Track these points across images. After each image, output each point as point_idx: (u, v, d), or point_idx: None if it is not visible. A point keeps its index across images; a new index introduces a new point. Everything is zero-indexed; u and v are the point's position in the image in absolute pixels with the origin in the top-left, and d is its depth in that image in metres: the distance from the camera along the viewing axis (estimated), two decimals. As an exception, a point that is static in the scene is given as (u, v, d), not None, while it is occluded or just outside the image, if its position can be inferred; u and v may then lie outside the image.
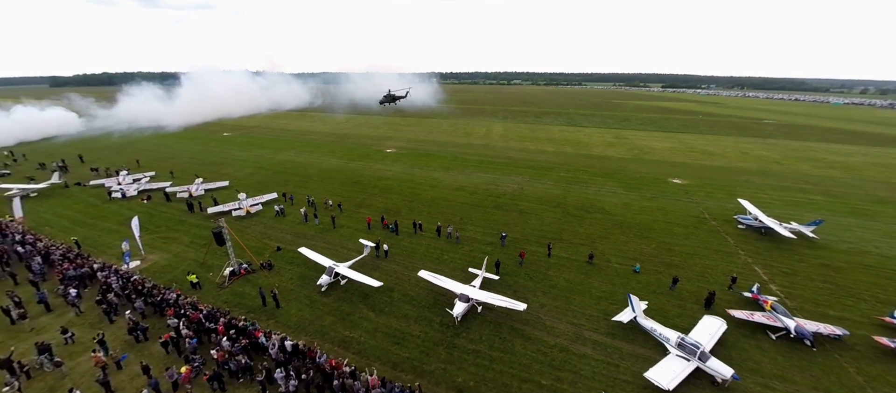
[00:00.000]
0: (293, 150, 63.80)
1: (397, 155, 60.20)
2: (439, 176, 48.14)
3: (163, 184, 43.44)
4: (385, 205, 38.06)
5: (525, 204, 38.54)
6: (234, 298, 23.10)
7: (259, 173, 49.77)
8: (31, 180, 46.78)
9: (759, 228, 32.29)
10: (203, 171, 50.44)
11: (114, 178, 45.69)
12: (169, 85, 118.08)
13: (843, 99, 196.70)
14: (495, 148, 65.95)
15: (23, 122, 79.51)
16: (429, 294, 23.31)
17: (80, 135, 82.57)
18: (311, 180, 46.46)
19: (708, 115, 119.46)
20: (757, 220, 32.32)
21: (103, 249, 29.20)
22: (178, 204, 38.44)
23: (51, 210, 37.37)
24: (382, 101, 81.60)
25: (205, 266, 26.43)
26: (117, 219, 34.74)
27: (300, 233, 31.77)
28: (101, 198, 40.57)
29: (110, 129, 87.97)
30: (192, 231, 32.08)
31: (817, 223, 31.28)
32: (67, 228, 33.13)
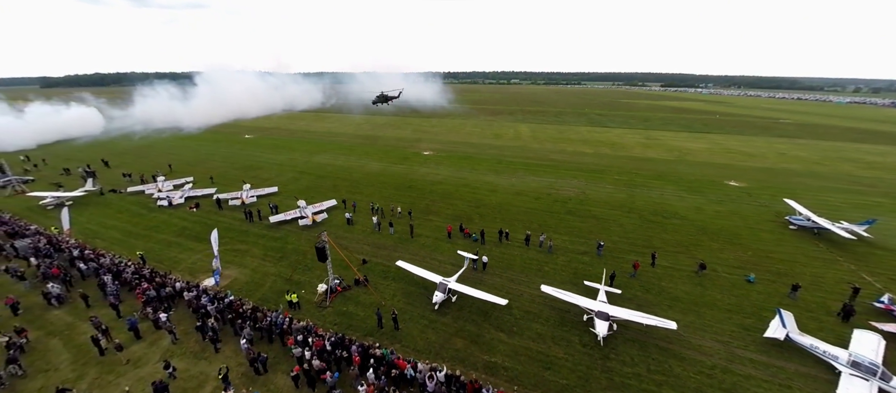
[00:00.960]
0: (327, 153, 61.31)
1: (437, 157, 58.24)
2: (493, 180, 46.34)
3: (206, 190, 40.92)
4: (452, 211, 36.24)
5: (596, 209, 37.10)
6: (342, 318, 21.12)
7: (302, 178, 47.49)
8: (60, 187, 43.81)
9: (812, 229, 31.83)
10: (241, 176, 47.85)
11: (152, 184, 42.91)
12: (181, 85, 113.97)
13: (844, 98, 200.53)
14: (533, 150, 64.43)
15: (44, 122, 75.55)
16: (551, 310, 21.65)
17: (99, 137, 78.70)
18: (360, 185, 44.29)
19: (724, 114, 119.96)
20: (809, 220, 31.99)
21: (170, 263, 26.88)
22: (232, 212, 35.99)
23: (93, 220, 34.66)
24: (375, 102, 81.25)
25: (292, 282, 24.54)
26: (172, 229, 32.37)
27: (377, 242, 29.83)
28: (144, 206, 37.94)
29: (127, 130, 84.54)
30: (260, 242, 29.81)
31: (870, 222, 30.55)
32: (120, 240, 30.64)
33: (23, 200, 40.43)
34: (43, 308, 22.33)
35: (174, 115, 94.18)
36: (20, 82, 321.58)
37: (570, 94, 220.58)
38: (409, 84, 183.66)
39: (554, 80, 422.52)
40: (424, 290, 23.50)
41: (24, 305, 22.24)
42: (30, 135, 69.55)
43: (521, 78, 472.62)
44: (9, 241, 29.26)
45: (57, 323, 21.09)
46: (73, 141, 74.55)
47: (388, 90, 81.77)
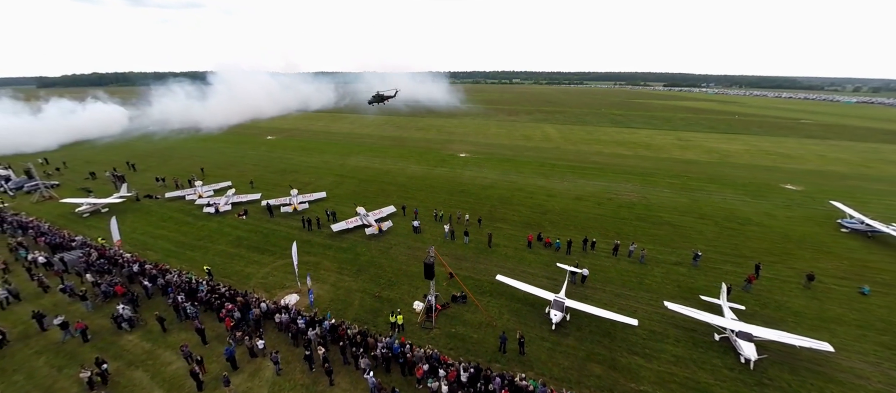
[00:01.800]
0: (359, 155, 58.98)
1: (476, 160, 56.15)
2: (544, 184, 44.48)
3: (251, 196, 38.41)
4: (518, 218, 34.35)
5: (666, 215, 35.39)
6: (455, 342, 19.10)
7: (345, 182, 45.26)
8: (89, 192, 41.37)
9: (865, 231, 31.05)
10: (278, 179, 45.87)
11: (189, 189, 40.50)
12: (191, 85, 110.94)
13: (851, 98, 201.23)
14: (569, 151, 62.66)
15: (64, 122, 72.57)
16: (675, 329, 19.88)
17: (117, 138, 75.55)
18: (410, 190, 42.19)
19: (742, 115, 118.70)
20: (863, 223, 31.27)
21: (239, 279, 24.60)
22: (285, 220, 33.78)
23: (138, 229, 32.22)
24: (371, 101, 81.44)
25: (382, 300, 22.57)
26: (227, 239, 30.05)
27: (455, 253, 27.79)
28: (189, 213, 35.55)
29: (143, 130, 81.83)
30: (329, 254, 27.70)
31: None
32: (174, 252, 28.34)
33: (52, 207, 37.83)
34: (112, 333, 20.09)
35: (191, 115, 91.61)
36: (16, 82, 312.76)
37: (577, 94, 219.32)
38: (415, 84, 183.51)
39: (556, 79, 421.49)
40: (531, 307, 21.73)
41: (91, 329, 20.12)
42: (51, 136, 66.47)
43: (522, 77, 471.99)
44: (55, 254, 26.85)
45: (134, 351, 18.91)
46: (92, 142, 71.42)
47: (383, 90, 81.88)
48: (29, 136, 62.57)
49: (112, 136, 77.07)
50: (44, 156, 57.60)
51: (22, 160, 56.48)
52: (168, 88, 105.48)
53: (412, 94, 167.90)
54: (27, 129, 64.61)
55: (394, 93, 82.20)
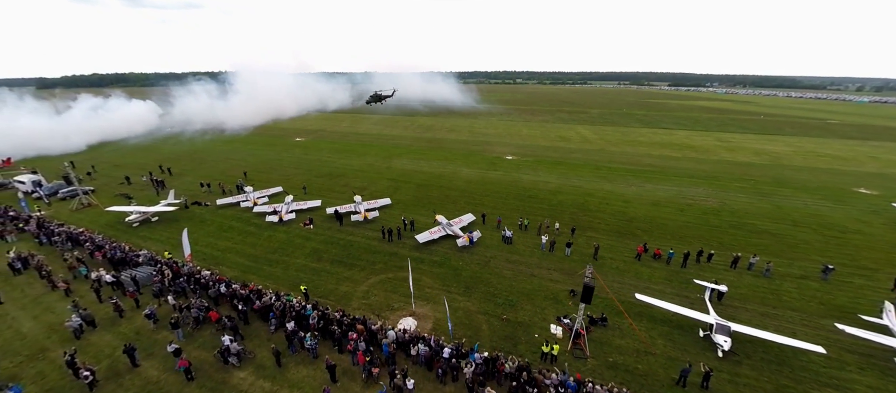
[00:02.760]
0: (404, 158, 56.23)
1: (527, 162, 53.68)
2: (614, 188, 42.13)
3: (309, 203, 35.69)
4: (605, 226, 32.07)
5: (758, 222, 33.24)
6: (620, 374, 16.77)
7: (404, 187, 42.31)
8: (130, 199, 38.53)
9: None
10: (330, 184, 43.27)
11: (241, 195, 37.81)
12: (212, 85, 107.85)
13: (863, 97, 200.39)
14: (617, 154, 60.35)
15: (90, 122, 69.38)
16: (850, 355, 17.75)
17: (143, 139, 72.09)
18: (475, 195, 39.58)
19: (767, 115, 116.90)
20: None
21: (339, 299, 22.00)
22: (357, 229, 31.05)
23: (199, 241, 29.29)
24: (369, 101, 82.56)
25: (511, 323, 20.09)
26: (303, 252, 27.48)
27: (562, 268, 25.36)
28: (248, 222, 32.75)
29: (164, 132, 78.69)
30: (425, 269, 25.17)
31: None
32: (252, 268, 25.65)
33: (95, 216, 34.81)
34: (218, 369, 17.43)
35: (212, 115, 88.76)
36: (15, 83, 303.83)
37: (589, 94, 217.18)
38: (425, 83, 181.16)
39: (559, 79, 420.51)
40: (680, 329, 19.51)
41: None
42: (77, 137, 63.28)
43: (524, 77, 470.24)
44: (123, 271, 23.97)
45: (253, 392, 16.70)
46: (116, 144, 67.89)
47: (381, 90, 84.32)
48: (51, 137, 59.35)
49: (136, 137, 73.44)
50: (70, 159, 54.46)
51: (46, 163, 53.53)
52: (188, 89, 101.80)
53: (425, 94, 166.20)
54: (50, 129, 61.21)
55: (391, 92, 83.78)
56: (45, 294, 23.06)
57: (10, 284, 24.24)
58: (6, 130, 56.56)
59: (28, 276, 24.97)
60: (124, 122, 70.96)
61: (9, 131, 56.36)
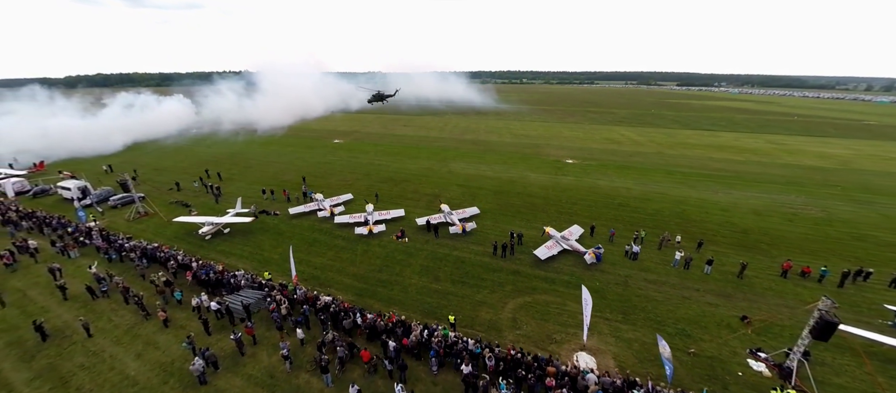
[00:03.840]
0: (459, 161, 53.15)
1: (592, 167, 50.73)
2: (701, 195, 39.25)
3: (393, 212, 32.47)
4: (725, 240, 29.13)
5: (880, 234, 30.56)
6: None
7: (480, 193, 39.16)
8: (189, 207, 35.42)
9: None
10: (397, 190, 40.24)
11: (312, 203, 34.50)
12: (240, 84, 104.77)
13: (884, 98, 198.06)
14: (678, 157, 57.43)
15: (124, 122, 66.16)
16: None
17: (176, 139, 69.20)
18: (562, 203, 36.68)
19: (801, 116, 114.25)
20: None
21: (486, 329, 19.11)
22: (459, 242, 28.01)
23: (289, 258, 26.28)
24: (371, 100, 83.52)
25: (699, 357, 17.27)
26: (412, 270, 24.41)
27: (715, 290, 22.50)
28: (331, 233, 29.68)
29: (193, 132, 75.70)
30: (563, 292, 22.17)
31: None
32: (366, 290, 22.58)
33: (157, 227, 31.76)
34: (383, 421, 15.01)
35: (241, 115, 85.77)
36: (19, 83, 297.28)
37: (606, 94, 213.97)
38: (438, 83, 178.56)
39: (566, 79, 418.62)
40: (891, 363, 17.20)
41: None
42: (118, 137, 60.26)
43: (528, 77, 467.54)
44: (227, 296, 20.94)
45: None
46: (148, 146, 64.42)
47: (383, 90, 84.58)
48: (87, 138, 56.07)
49: (169, 137, 70.17)
50: (107, 162, 51.25)
51: (79, 166, 50.17)
52: (214, 89, 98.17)
53: (440, 93, 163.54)
54: (86, 129, 57.88)
55: (394, 92, 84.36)
56: (137, 324, 20.04)
57: (92, 310, 21.20)
58: (38, 130, 53.19)
59: (111, 301, 21.89)
60: (159, 121, 67.65)
61: (41, 131, 52.95)
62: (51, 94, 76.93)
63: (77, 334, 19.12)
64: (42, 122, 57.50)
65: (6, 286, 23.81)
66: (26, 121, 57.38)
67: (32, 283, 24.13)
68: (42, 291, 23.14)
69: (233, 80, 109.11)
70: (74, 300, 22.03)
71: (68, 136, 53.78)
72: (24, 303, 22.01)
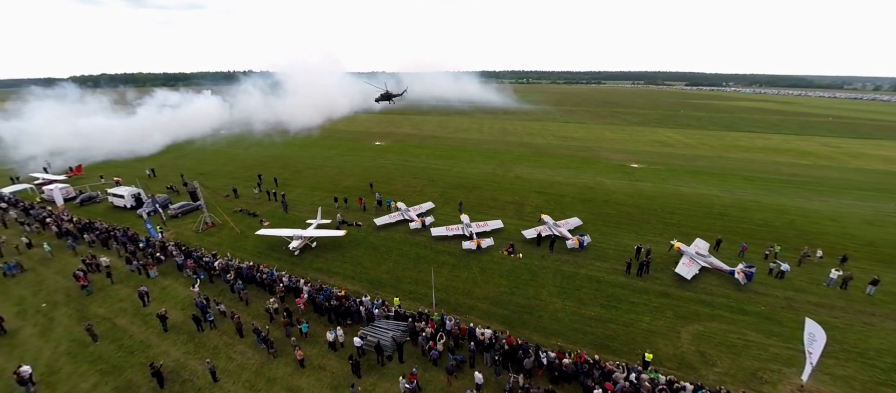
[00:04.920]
0: (521, 165, 50.21)
1: (660, 171, 47.86)
2: (797, 203, 36.67)
3: (490, 223, 29.52)
4: (863, 255, 26.53)
5: None
6: None
7: (567, 204, 36.18)
8: (258, 218, 32.48)
9: None
10: (473, 197, 37.33)
11: (396, 213, 31.40)
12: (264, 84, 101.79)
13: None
14: (741, 160, 54.81)
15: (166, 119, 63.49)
16: None
17: (211, 142, 66.01)
18: (659, 213, 33.85)
19: (836, 117, 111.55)
20: None
21: (676, 365, 16.50)
22: (580, 259, 25.20)
23: (404, 278, 23.50)
24: (378, 99, 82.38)
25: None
26: (548, 292, 21.69)
27: (889, 314, 20.15)
28: (430, 248, 26.85)
29: (224, 132, 72.85)
30: (729, 317, 19.51)
31: None
32: (510, 317, 19.78)
33: (233, 240, 28.71)
34: None
35: (271, 116, 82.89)
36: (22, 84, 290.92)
37: (623, 95, 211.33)
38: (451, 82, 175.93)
39: (573, 79, 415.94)
40: None
41: None
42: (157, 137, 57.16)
43: (533, 76, 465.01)
44: (366, 329, 18.09)
45: None
46: (189, 146, 61.43)
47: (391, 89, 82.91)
48: (128, 140, 52.97)
49: (204, 138, 67.08)
50: (146, 164, 48.19)
51: (117, 169, 46.95)
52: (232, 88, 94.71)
53: (458, 93, 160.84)
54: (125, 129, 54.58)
55: (402, 92, 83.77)
56: (265, 363, 17.00)
57: (202, 345, 18.23)
58: (73, 130, 49.86)
59: (221, 332, 18.84)
60: (193, 120, 64.40)
61: (75, 131, 49.67)
62: (81, 93, 73.07)
63: (199, 378, 16.27)
64: (76, 121, 54.10)
65: (87, 313, 20.93)
66: (59, 120, 53.99)
67: (117, 309, 21.25)
68: (133, 320, 20.26)
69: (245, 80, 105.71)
70: (176, 332, 19.13)
71: (103, 137, 50.60)
72: (117, 336, 19.09)
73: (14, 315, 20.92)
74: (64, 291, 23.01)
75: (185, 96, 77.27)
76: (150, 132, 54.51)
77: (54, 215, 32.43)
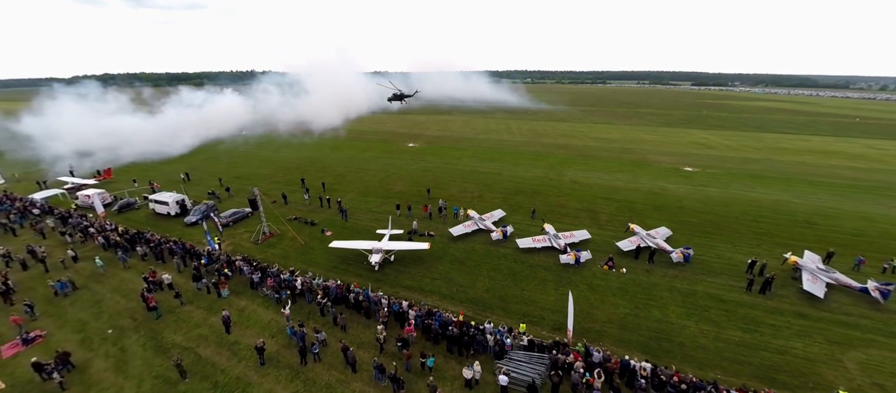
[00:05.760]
0: (573, 169, 47.85)
1: (717, 176, 45.73)
2: (887, 212, 34.52)
3: (577, 233, 27.28)
4: None
5: None
6: None
7: (639, 209, 34.11)
8: (323, 229, 29.71)
9: None
10: (538, 204, 34.75)
11: (469, 222, 29.05)
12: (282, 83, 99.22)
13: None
14: (792, 163, 52.86)
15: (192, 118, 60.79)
16: None
17: (236, 143, 63.11)
18: (739, 221, 31.63)
19: (862, 118, 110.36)
20: None
21: None
22: (685, 274, 22.94)
23: (509, 298, 21.13)
24: (391, 99, 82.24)
25: None
26: (674, 314, 19.41)
27: None
28: (525, 262, 24.45)
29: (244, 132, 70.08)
30: (884, 342, 17.51)
31: None
32: (653, 346, 17.43)
33: (298, 253, 26.26)
34: None
35: (291, 116, 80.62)
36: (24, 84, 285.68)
37: (634, 94, 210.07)
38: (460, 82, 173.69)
39: (578, 79, 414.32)
40: None
41: None
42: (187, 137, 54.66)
43: (537, 76, 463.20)
44: (499, 364, 15.83)
45: None
46: (218, 147, 58.68)
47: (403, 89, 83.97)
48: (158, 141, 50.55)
49: (232, 138, 64.55)
50: (175, 166, 45.75)
51: (148, 172, 44.24)
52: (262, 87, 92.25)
53: (469, 92, 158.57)
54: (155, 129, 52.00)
55: (413, 93, 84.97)
56: (392, 406, 15.02)
57: (311, 382, 15.74)
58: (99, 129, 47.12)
59: (326, 366, 16.48)
60: (220, 119, 61.77)
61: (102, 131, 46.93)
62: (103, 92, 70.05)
63: (323, 425, 14.26)
64: (104, 120, 51.45)
65: (163, 340, 18.41)
66: (85, 119, 51.19)
67: (195, 336, 18.71)
68: (218, 350, 17.71)
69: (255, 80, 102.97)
70: (274, 365, 16.69)
71: (130, 137, 48.01)
72: (207, 370, 16.56)
73: (78, 344, 18.46)
74: (127, 313, 20.54)
75: (208, 95, 74.33)
76: (180, 132, 51.93)
77: (97, 224, 30.13)
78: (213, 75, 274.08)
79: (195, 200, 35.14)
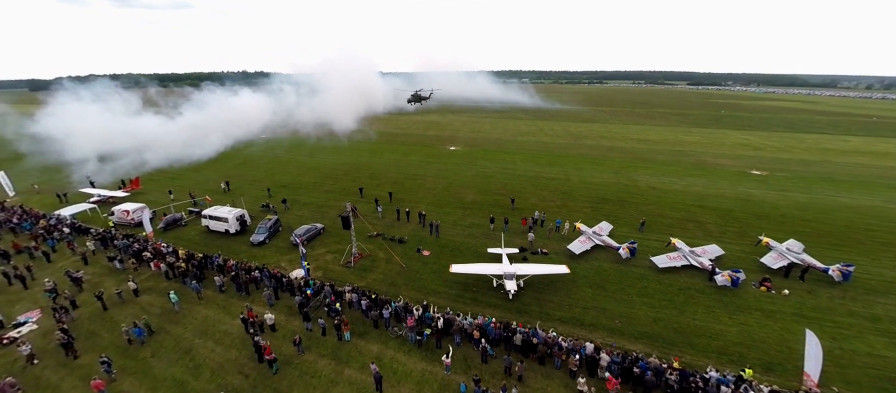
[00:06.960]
0: (639, 172, 45.65)
1: (788, 179, 43.82)
2: None
3: (708, 250, 24.33)
4: None
5: None
6: None
7: (738, 217, 31.67)
8: (419, 248, 26.22)
9: None
10: (627, 215, 32.12)
11: (584, 238, 25.82)
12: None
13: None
14: (847, 165, 51.35)
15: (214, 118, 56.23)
16: None
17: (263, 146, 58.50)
18: (857, 233, 29.51)
19: (879, 117, 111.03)
20: None
21: None
22: (856, 295, 20.41)
23: (668, 324, 18.31)
24: (410, 101, 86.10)
25: None
26: (863, 341, 16.77)
27: None
28: (668, 283, 21.49)
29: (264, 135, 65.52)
30: None
31: None
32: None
33: (403, 278, 22.82)
34: None
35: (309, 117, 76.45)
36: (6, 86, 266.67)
37: (640, 94, 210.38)
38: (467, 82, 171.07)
39: (576, 79, 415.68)
40: None
41: None
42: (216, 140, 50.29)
43: (533, 76, 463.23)
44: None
45: None
46: (248, 150, 54.43)
47: (420, 91, 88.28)
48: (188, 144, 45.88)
49: (256, 142, 59.93)
50: (205, 171, 41.24)
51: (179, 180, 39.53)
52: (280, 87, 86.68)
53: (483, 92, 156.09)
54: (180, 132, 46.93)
55: (429, 94, 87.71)
56: None
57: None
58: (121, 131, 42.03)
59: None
60: (244, 120, 56.94)
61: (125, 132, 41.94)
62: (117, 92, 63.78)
63: None
64: (126, 122, 46.15)
65: (297, 404, 14.82)
66: (108, 121, 45.66)
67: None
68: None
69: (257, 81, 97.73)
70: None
71: (154, 141, 43.21)
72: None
73: (186, 415, 14.78)
74: (233, 366, 16.49)
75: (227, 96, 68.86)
76: (207, 134, 47.25)
77: (152, 247, 25.85)
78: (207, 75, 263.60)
79: (251, 215, 31.21)
